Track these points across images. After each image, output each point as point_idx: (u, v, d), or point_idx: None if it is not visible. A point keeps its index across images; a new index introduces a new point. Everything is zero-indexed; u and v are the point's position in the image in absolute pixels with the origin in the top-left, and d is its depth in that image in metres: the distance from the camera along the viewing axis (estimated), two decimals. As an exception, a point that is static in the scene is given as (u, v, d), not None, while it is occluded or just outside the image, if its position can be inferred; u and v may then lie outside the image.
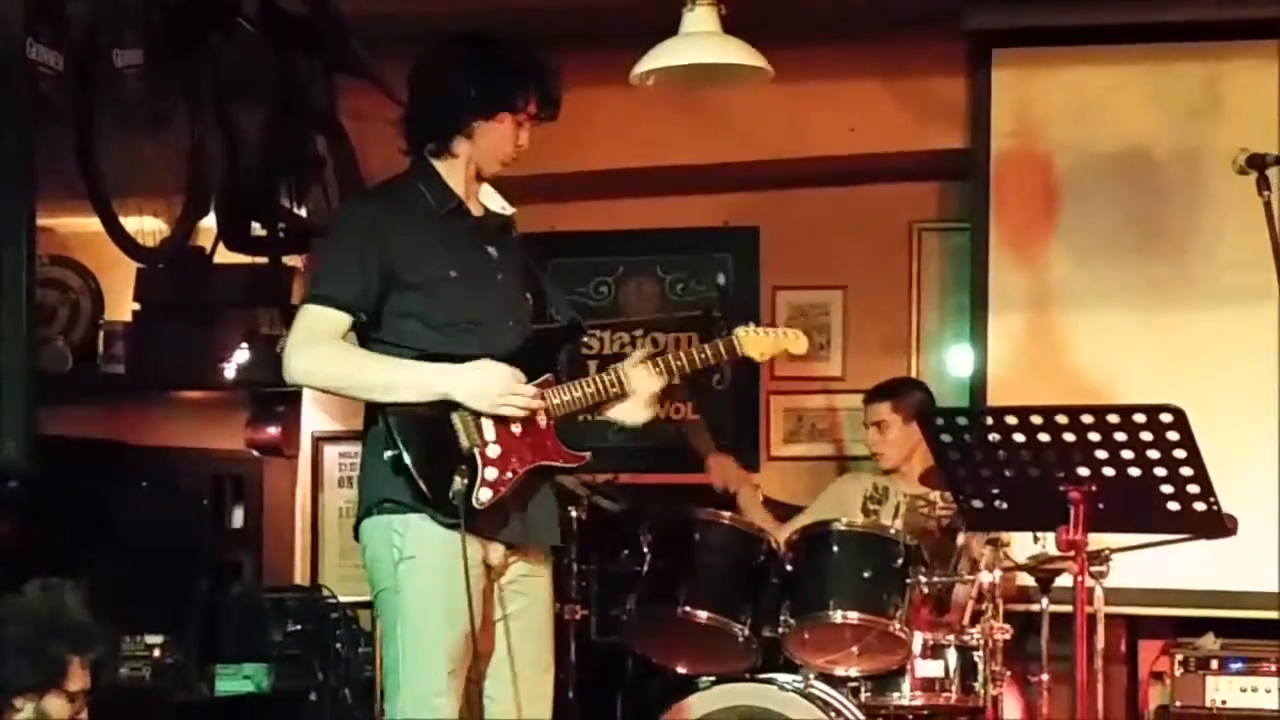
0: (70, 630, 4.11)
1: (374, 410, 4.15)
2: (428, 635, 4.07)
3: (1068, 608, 4.59)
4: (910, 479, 6.14)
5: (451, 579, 4.01)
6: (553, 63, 4.30)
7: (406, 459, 4.05)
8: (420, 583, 4.08)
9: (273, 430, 7.49)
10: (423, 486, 4.04)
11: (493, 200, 4.35)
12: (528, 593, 4.27)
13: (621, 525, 5.96)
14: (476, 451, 4.09)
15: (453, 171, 4.27)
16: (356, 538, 4.23)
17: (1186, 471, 4.34)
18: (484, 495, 4.08)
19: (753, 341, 4.47)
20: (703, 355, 4.39)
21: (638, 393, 4.31)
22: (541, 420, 4.19)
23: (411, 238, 4.17)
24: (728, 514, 5.58)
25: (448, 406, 4.10)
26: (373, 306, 4.13)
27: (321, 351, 4.11)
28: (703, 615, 5.35)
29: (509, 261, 4.32)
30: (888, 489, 6.21)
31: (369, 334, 4.17)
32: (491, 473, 4.10)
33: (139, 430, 7.24)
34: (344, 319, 4.11)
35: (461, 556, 4.01)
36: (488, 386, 4.09)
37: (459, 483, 4.02)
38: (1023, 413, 4.44)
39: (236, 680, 6.11)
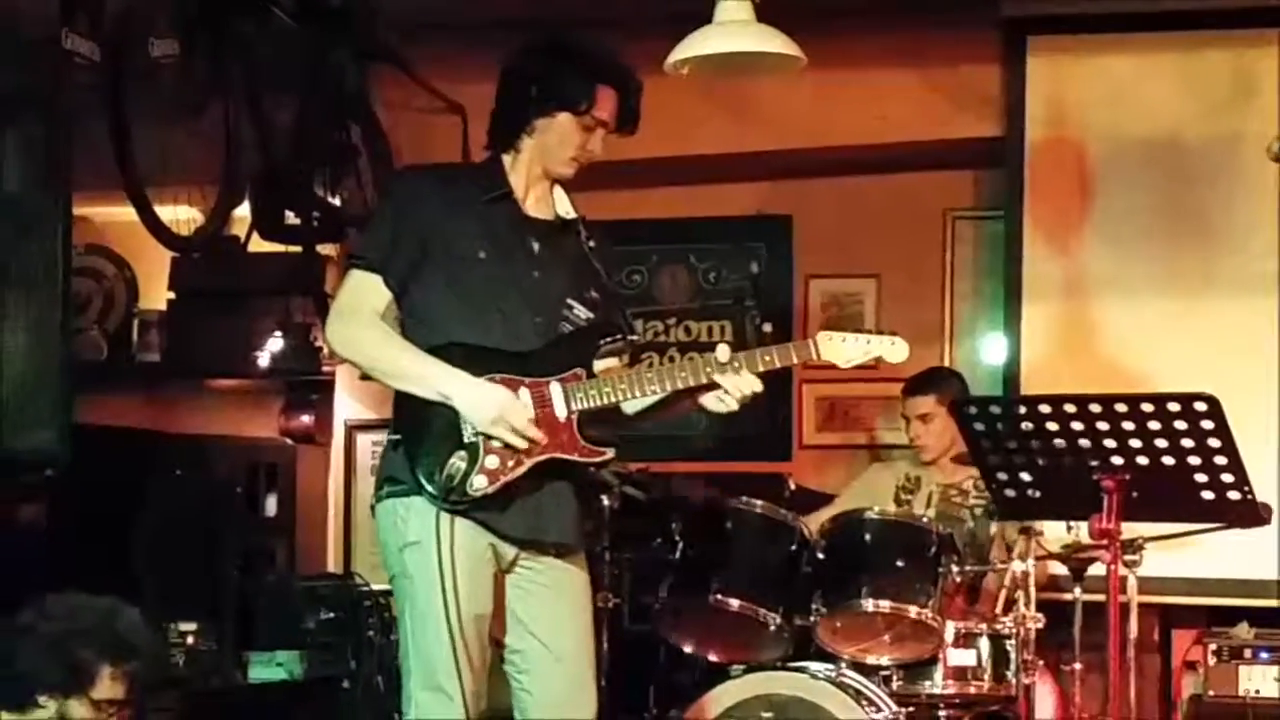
0: (108, 639, 4.09)
1: (398, 391, 4.18)
2: (432, 619, 4.06)
3: (1100, 597, 4.59)
4: (944, 469, 6.14)
5: (455, 563, 4.02)
6: (633, 74, 4.30)
7: (404, 441, 4.09)
8: (424, 567, 4.07)
9: (306, 418, 7.51)
10: (414, 470, 4.05)
11: (561, 204, 4.35)
12: (549, 586, 4.23)
13: (653, 514, 5.96)
14: (480, 440, 4.07)
15: (515, 167, 4.29)
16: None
17: (1221, 460, 4.33)
18: (479, 482, 4.05)
19: (837, 349, 4.25)
20: (767, 359, 4.18)
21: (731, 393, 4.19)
22: (560, 413, 4.15)
23: (451, 214, 4.20)
24: (760, 502, 5.56)
25: None
26: (405, 274, 4.16)
27: (360, 327, 4.16)
28: (735, 604, 5.35)
29: (555, 261, 4.28)
30: (920, 478, 6.20)
31: (399, 306, 4.19)
32: (492, 461, 4.07)
33: (173, 418, 7.28)
34: (380, 285, 4.15)
35: (466, 542, 4.04)
36: (485, 407, 4.06)
37: (453, 466, 4.02)
38: (1056, 401, 4.44)
39: (270, 667, 6.12)
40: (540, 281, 4.26)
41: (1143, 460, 4.36)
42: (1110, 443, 4.37)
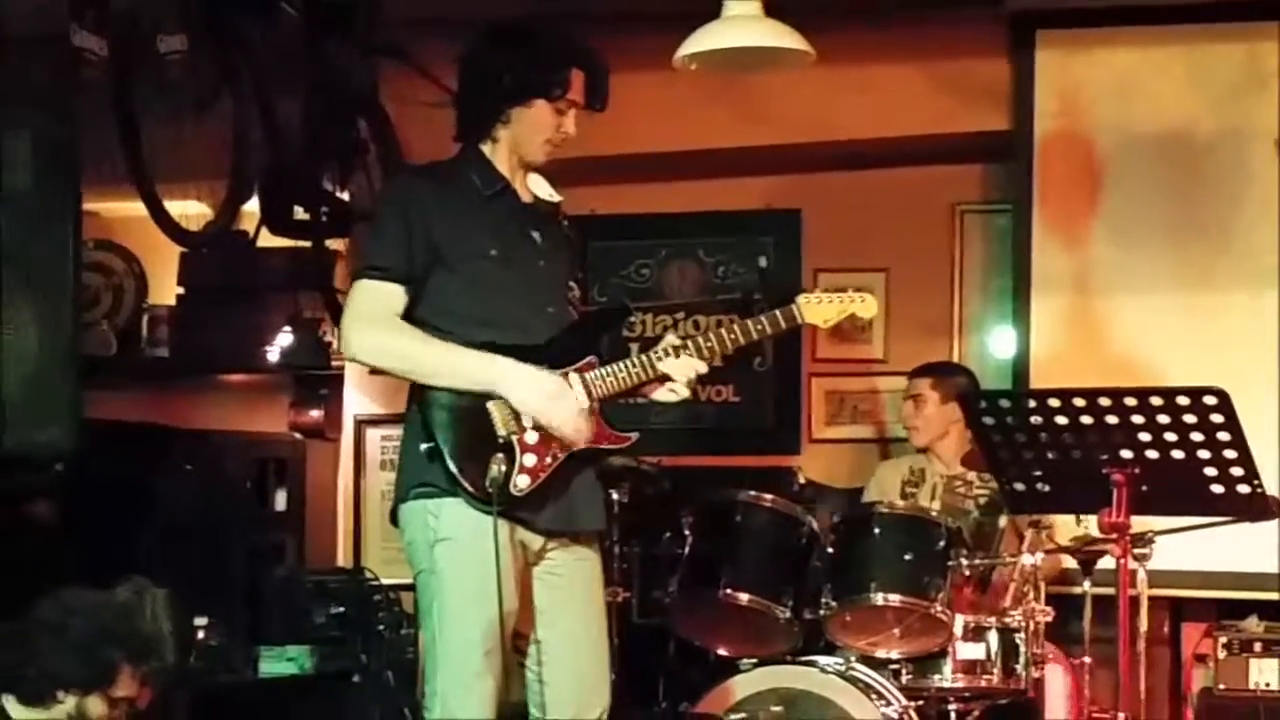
0: (130, 638, 4.10)
1: (415, 397, 4.16)
2: (463, 616, 4.07)
3: (1110, 590, 4.59)
4: (947, 461, 6.15)
5: (487, 560, 4.00)
6: (598, 53, 4.29)
7: (443, 450, 4.06)
8: (455, 563, 4.07)
9: (315, 413, 7.51)
10: (459, 477, 4.04)
11: (541, 188, 4.34)
12: (571, 577, 4.24)
13: (663, 507, 5.96)
14: (514, 439, 4.08)
15: (497, 156, 4.27)
16: (394, 523, 4.24)
17: (1230, 454, 4.33)
18: (521, 482, 4.07)
19: (815, 309, 4.36)
20: (759, 327, 4.29)
21: (676, 379, 4.27)
22: (584, 403, 4.17)
23: (456, 215, 4.19)
24: (770, 496, 5.57)
25: (485, 395, 4.09)
26: (418, 280, 4.14)
27: (380, 330, 4.12)
28: (744, 597, 5.36)
29: (554, 248, 4.31)
30: (924, 470, 6.22)
31: (413, 313, 4.16)
32: (530, 459, 4.09)
33: (182, 414, 7.28)
34: (398, 293, 4.12)
35: (502, 540, 4.02)
36: (544, 394, 4.08)
37: (495, 470, 4.01)
38: (1065, 395, 4.44)
39: (280, 662, 6.13)
40: (547, 270, 4.28)
41: (1152, 454, 4.36)
42: (1119, 436, 4.37)
